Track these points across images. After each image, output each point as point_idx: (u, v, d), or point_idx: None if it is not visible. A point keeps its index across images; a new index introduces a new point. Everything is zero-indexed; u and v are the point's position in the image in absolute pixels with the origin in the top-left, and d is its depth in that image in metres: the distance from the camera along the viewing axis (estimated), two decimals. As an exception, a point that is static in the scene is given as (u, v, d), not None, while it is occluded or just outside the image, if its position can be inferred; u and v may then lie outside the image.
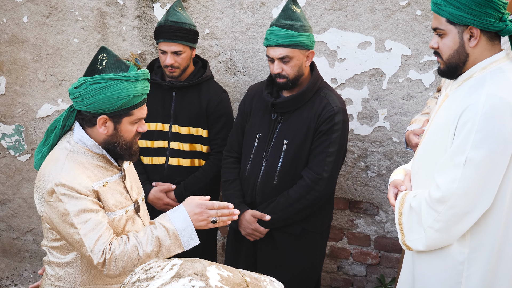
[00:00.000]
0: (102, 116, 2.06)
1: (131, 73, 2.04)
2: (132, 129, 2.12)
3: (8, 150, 4.07)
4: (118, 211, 2.14)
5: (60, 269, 2.14)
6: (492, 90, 1.96)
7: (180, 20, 3.09)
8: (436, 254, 2.12)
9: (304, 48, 2.81)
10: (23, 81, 3.90)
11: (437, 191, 2.01)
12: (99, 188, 2.08)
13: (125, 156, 2.16)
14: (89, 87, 2.02)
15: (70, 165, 2.05)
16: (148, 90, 2.12)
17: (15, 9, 3.78)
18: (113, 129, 2.10)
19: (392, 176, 2.35)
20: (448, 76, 2.13)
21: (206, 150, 3.28)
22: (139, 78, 2.05)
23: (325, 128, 2.84)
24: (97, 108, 2.04)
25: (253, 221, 2.92)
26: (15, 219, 4.20)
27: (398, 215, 2.16)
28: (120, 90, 2.02)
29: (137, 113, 2.11)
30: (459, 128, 1.98)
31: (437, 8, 2.04)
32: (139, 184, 2.37)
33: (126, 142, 2.13)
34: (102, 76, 2.02)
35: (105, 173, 2.14)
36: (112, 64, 2.05)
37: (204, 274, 1.23)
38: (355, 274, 3.74)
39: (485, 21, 1.97)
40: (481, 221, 2.03)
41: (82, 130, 2.11)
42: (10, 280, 4.17)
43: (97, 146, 2.11)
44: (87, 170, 2.08)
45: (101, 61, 2.05)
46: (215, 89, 3.27)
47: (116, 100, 2.02)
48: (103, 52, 2.06)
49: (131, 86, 2.03)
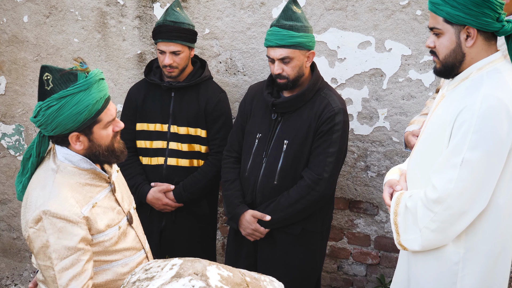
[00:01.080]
0: (73, 134, 1.99)
1: (80, 82, 1.94)
2: (108, 133, 2.05)
3: (8, 150, 4.07)
4: (108, 231, 2.07)
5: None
6: (488, 91, 1.96)
7: (179, 20, 3.09)
8: (431, 255, 2.12)
9: (304, 48, 2.81)
10: (23, 81, 3.90)
11: (434, 192, 2.01)
12: (89, 212, 2.01)
13: (111, 160, 2.09)
14: (46, 113, 1.94)
15: (58, 190, 1.97)
16: (106, 88, 2.02)
17: (15, 9, 3.78)
18: (88, 141, 2.02)
19: (387, 176, 2.35)
20: (444, 75, 2.13)
21: (205, 151, 3.28)
22: (90, 84, 1.95)
23: (326, 129, 2.84)
24: (63, 129, 1.96)
25: (253, 221, 2.92)
26: (15, 218, 4.20)
27: (394, 215, 2.16)
28: (76, 105, 1.93)
29: (105, 116, 2.01)
30: (456, 128, 1.98)
31: (434, 7, 2.04)
32: (129, 193, 2.33)
33: (106, 147, 2.06)
34: (53, 97, 1.93)
35: (94, 190, 2.07)
36: (58, 80, 1.94)
37: (204, 274, 1.23)
38: (355, 274, 3.74)
39: (482, 21, 1.97)
40: (476, 221, 2.03)
41: (65, 148, 2.04)
42: (10, 280, 4.17)
43: (84, 160, 2.05)
44: (76, 193, 2.00)
45: (47, 82, 1.95)
46: (213, 89, 3.26)
47: (77, 115, 1.94)
48: (45, 71, 1.96)
49: (86, 96, 1.94)
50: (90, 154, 2.05)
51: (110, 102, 2.05)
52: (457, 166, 1.95)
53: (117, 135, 2.11)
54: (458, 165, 1.95)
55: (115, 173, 2.25)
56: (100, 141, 2.04)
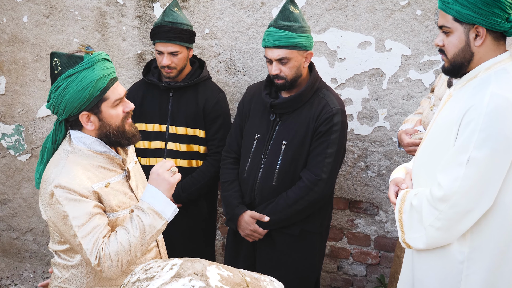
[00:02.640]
0: (83, 113, 2.06)
1: (84, 61, 2.04)
2: (117, 112, 2.11)
3: (8, 150, 4.07)
4: (121, 211, 2.13)
5: (66, 271, 2.16)
6: (496, 90, 1.96)
7: (177, 21, 3.09)
8: (436, 253, 2.12)
9: (302, 49, 2.80)
10: (23, 81, 3.90)
11: (439, 190, 2.01)
12: (100, 189, 2.08)
13: (122, 141, 2.15)
14: (55, 94, 2.04)
15: (70, 166, 2.05)
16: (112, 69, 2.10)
17: (15, 9, 3.78)
18: (98, 120, 2.09)
19: (393, 174, 2.36)
20: (453, 74, 2.13)
21: (204, 151, 3.28)
22: (94, 62, 2.04)
23: (324, 129, 2.83)
24: (71, 108, 2.04)
25: (252, 222, 2.92)
26: (15, 219, 4.20)
27: (399, 213, 2.17)
28: (80, 81, 2.02)
29: (112, 94, 2.08)
30: (463, 127, 1.98)
31: (444, 5, 2.04)
32: (145, 183, 2.36)
33: (116, 127, 2.11)
34: (60, 78, 2.04)
35: (108, 174, 2.13)
36: (66, 64, 2.05)
37: (204, 274, 1.23)
38: (355, 274, 3.74)
39: (491, 20, 1.98)
40: (481, 220, 2.03)
41: (79, 131, 2.12)
42: (10, 280, 4.17)
43: (98, 142, 2.12)
44: (88, 171, 2.07)
45: (56, 66, 2.06)
46: (212, 90, 3.26)
47: (81, 92, 2.02)
48: (54, 57, 2.07)
49: (89, 73, 2.02)
50: (102, 135, 2.11)
51: (118, 83, 2.12)
52: (463, 165, 1.96)
53: (128, 117, 2.16)
54: (464, 163, 1.95)
55: (132, 163, 2.30)
56: (110, 121, 2.10)
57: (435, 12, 3.20)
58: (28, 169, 4.07)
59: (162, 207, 2.08)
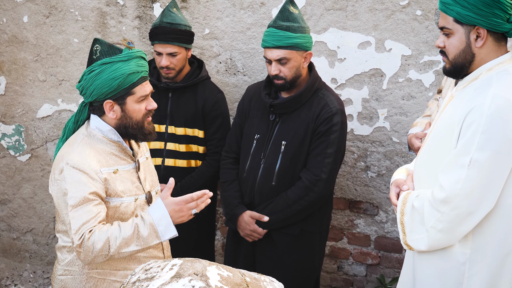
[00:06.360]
0: (108, 101, 2.17)
1: (123, 54, 2.15)
2: (140, 108, 2.21)
3: (8, 150, 4.07)
4: (126, 198, 2.20)
5: (69, 254, 2.24)
6: (498, 91, 1.96)
7: (175, 21, 3.08)
8: (437, 255, 2.11)
9: (301, 49, 2.80)
10: (23, 81, 3.90)
11: (441, 192, 2.00)
12: (108, 174, 2.16)
13: (138, 135, 2.24)
14: (87, 77, 2.16)
15: (83, 148, 2.16)
16: (146, 68, 2.20)
17: (15, 9, 3.78)
18: (121, 111, 2.19)
19: (394, 175, 2.35)
20: (454, 75, 2.13)
21: (203, 151, 3.28)
22: (131, 57, 2.15)
23: (323, 129, 2.83)
24: (99, 93, 2.15)
25: (252, 222, 2.92)
26: (15, 219, 4.20)
27: (400, 215, 2.16)
28: (114, 71, 2.12)
29: (139, 90, 2.19)
30: (464, 129, 1.98)
31: (444, 7, 2.04)
32: (154, 178, 2.43)
33: (136, 121, 2.21)
34: (97, 63, 2.15)
35: (118, 161, 2.22)
36: (105, 52, 2.16)
37: (204, 274, 1.23)
38: (355, 274, 3.74)
39: (492, 21, 1.97)
40: (483, 222, 2.02)
41: (98, 118, 2.23)
42: (10, 280, 4.17)
43: (113, 132, 2.21)
44: (99, 155, 2.17)
45: (95, 52, 2.17)
46: (211, 90, 3.26)
47: (112, 81, 2.12)
48: (96, 43, 2.18)
49: (124, 65, 2.13)
50: (121, 125, 2.21)
51: (147, 82, 2.22)
52: (465, 166, 1.95)
53: (149, 115, 2.26)
54: (466, 165, 1.95)
55: (144, 158, 2.38)
56: (132, 114, 2.20)
57: (435, 12, 3.20)
58: (28, 169, 4.07)
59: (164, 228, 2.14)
